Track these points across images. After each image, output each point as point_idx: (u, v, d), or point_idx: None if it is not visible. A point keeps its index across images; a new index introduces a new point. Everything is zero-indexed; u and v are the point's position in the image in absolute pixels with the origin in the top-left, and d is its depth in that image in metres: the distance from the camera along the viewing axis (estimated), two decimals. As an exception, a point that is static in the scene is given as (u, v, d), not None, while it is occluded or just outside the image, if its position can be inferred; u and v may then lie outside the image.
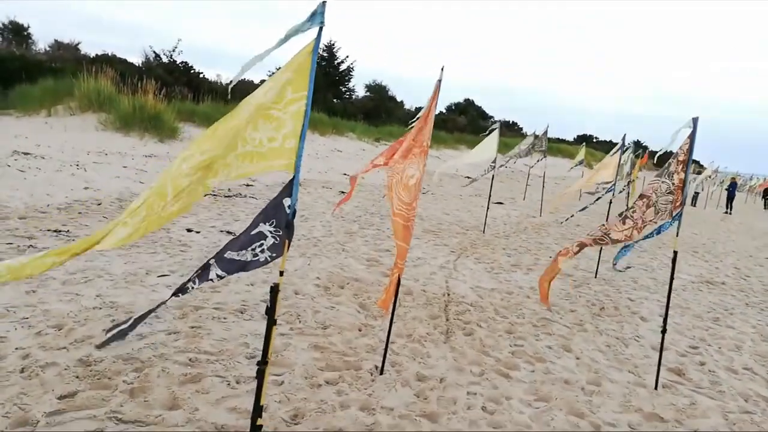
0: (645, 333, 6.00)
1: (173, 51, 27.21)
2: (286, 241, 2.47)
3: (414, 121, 4.62)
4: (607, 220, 8.60)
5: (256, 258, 2.43)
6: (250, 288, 5.65)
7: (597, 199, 8.39)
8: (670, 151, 4.48)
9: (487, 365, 4.63)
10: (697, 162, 49.95)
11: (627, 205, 9.18)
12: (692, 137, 4.26)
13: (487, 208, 11.81)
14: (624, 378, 4.74)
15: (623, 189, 9.77)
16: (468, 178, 23.63)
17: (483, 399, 4.05)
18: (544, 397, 4.19)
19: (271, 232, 2.44)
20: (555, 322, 5.93)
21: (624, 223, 4.44)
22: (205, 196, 10.64)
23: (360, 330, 4.99)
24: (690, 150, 4.28)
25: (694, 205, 26.92)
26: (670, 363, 5.19)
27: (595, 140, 73.38)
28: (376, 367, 4.27)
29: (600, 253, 8.97)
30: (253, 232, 2.44)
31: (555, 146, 46.92)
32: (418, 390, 4.03)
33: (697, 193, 27.51)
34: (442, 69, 4.45)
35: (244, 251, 2.42)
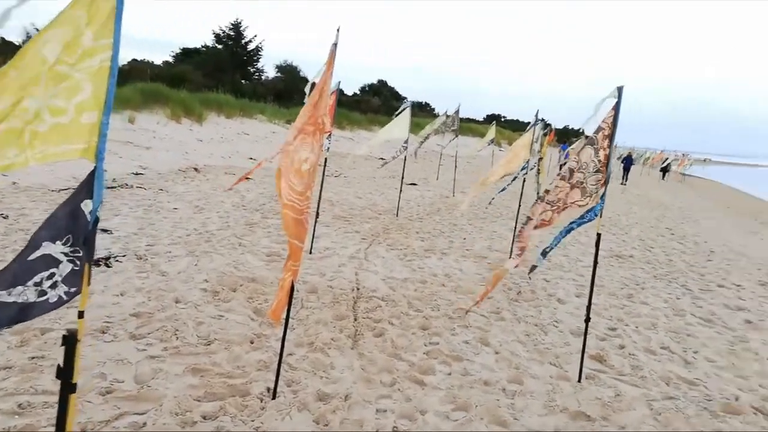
0: (563, 317, 5.72)
1: None
2: (87, 266, 1.70)
3: (309, 94, 3.92)
4: (521, 197, 8.35)
5: (44, 297, 1.64)
6: (119, 299, 4.74)
7: (513, 179, 8.10)
8: (577, 129, 4.07)
9: (399, 372, 4.08)
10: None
11: (537, 182, 8.99)
12: (617, 108, 3.87)
13: (400, 190, 11.31)
14: (546, 372, 4.37)
15: (534, 166, 9.57)
16: (382, 159, 23.18)
17: (394, 416, 3.49)
18: (462, 406, 3.70)
19: (66, 254, 1.65)
20: (472, 312, 5.50)
21: (540, 207, 4.01)
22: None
23: (252, 342, 4.27)
24: (615, 122, 3.89)
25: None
26: (591, 349, 4.89)
27: (503, 119, 75.77)
28: (269, 390, 3.59)
29: (514, 233, 8.73)
30: (33, 256, 1.63)
31: (466, 126, 47.59)
32: (317, 414, 3.39)
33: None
34: (338, 30, 3.77)
35: (21, 288, 1.61)
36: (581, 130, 8.23)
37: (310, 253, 6.97)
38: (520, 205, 8.37)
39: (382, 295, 5.70)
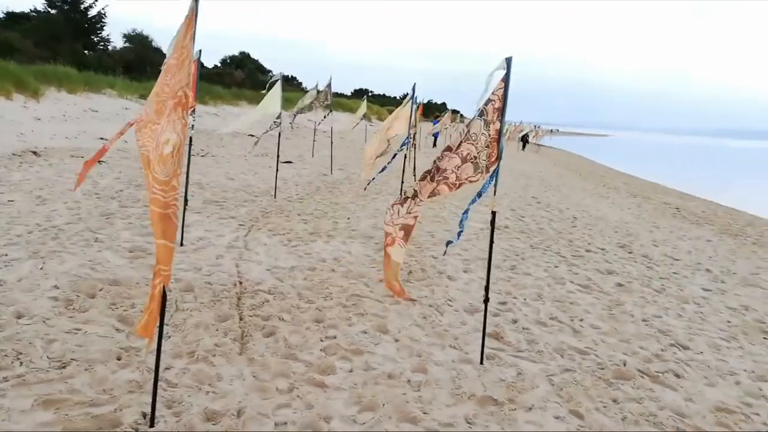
0: (455, 294, 5.68)
1: None
2: None
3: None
4: (403, 173, 8.22)
5: None
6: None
7: (394, 156, 7.91)
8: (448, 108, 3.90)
9: (297, 375, 3.69)
10: (457, 112, 55.06)
11: (411, 157, 8.92)
12: (506, 80, 3.73)
13: (276, 169, 10.67)
14: (448, 356, 4.24)
15: (409, 141, 9.49)
16: (251, 136, 22.04)
17: (296, 428, 3.11)
18: (369, 406, 3.42)
19: None
20: (366, 298, 5.24)
21: (431, 180, 3.81)
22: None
23: (119, 359, 3.61)
24: (505, 95, 3.75)
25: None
26: (486, 326, 4.88)
27: (370, 94, 76.46)
28: (145, 416, 3.02)
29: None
30: None
31: (335, 101, 47.32)
32: (207, 440, 2.91)
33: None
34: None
35: None
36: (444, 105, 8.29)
37: (181, 245, 6.23)
38: (403, 182, 8.24)
39: (268, 287, 5.22)
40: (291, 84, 54.97)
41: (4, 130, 13.36)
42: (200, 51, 6.45)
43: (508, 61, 3.70)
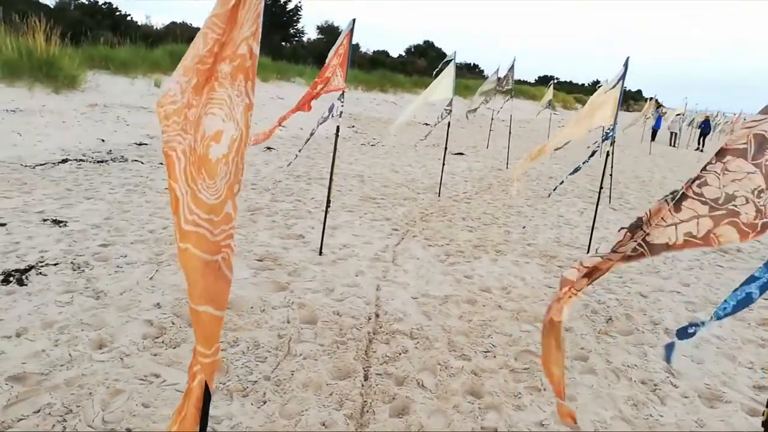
0: (684, 365, 3.83)
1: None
2: None
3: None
4: (603, 176, 6.32)
5: None
6: (8, 345, 3.16)
7: (592, 155, 6.07)
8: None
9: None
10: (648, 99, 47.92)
11: (609, 162, 6.85)
12: None
13: (443, 163, 9.36)
14: None
15: (613, 133, 7.35)
16: (427, 125, 21.12)
17: None
18: None
19: None
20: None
21: (679, 210, 2.08)
22: (64, 162, 7.91)
23: None
24: None
25: (675, 146, 25.22)
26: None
27: (556, 80, 71.18)
28: None
29: (591, 231, 6.74)
30: None
31: (517, 88, 44.63)
32: None
33: (673, 133, 25.74)
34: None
35: None
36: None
37: (320, 254, 5.26)
38: (602, 187, 6.34)
39: (410, 327, 3.94)
40: (472, 71, 53.40)
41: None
42: (354, 20, 5.36)
43: None
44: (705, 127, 25.67)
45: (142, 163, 8.59)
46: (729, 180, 1.92)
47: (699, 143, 25.55)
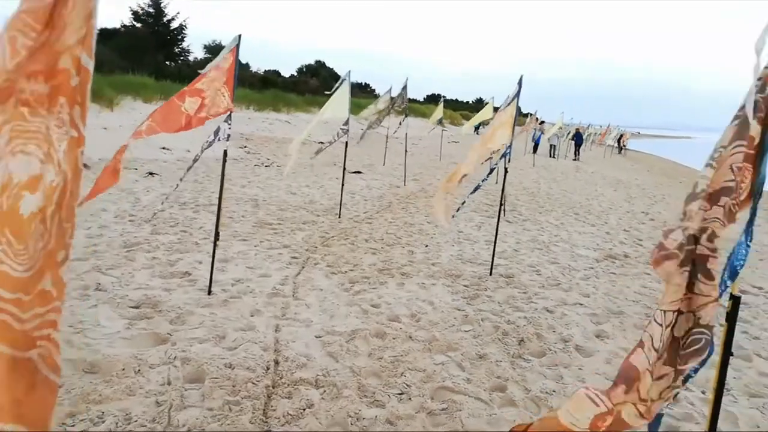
0: (596, 383, 3.74)
1: None
2: None
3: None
4: (503, 196, 6.28)
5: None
6: None
7: (490, 172, 6.02)
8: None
9: None
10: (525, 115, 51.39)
11: (502, 183, 6.90)
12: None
13: (342, 183, 9.04)
14: None
15: (510, 150, 7.38)
16: (321, 143, 20.73)
17: None
18: None
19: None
20: (461, 394, 3.42)
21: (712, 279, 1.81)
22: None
23: None
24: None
25: (553, 157, 26.87)
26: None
27: (443, 98, 74.14)
28: None
29: (496, 234, 6.70)
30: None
31: (409, 106, 45.72)
32: None
33: (552, 146, 27.48)
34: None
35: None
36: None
37: (209, 293, 4.68)
38: (502, 203, 6.31)
39: (315, 375, 3.49)
40: (364, 91, 54.07)
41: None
42: (239, 36, 4.91)
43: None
44: (578, 139, 27.83)
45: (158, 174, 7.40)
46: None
47: (575, 154, 27.68)
